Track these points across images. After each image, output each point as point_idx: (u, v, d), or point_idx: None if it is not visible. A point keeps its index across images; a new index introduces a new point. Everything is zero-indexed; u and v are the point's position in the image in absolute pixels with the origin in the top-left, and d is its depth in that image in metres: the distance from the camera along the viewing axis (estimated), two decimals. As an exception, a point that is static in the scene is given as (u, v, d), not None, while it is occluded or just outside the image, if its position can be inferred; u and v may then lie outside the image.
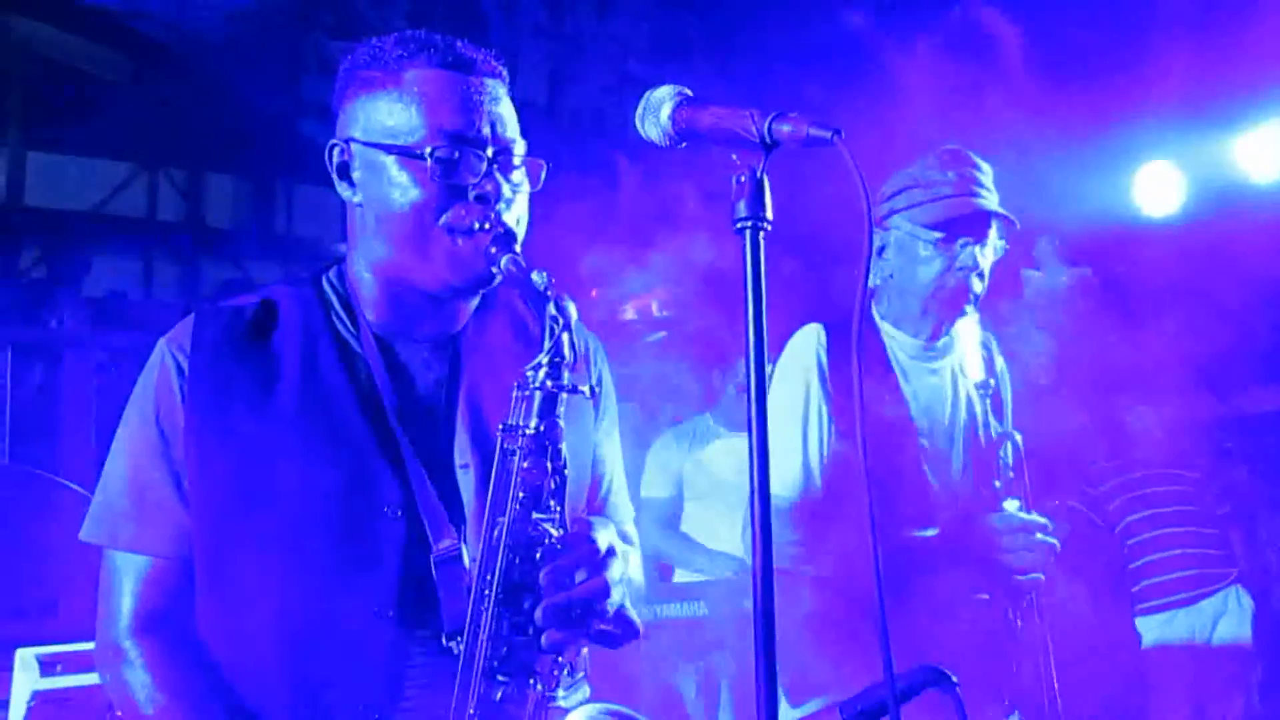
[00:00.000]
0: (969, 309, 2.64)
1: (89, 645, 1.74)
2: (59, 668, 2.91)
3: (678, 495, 5.08)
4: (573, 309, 1.57)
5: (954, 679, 1.46)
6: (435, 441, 1.70)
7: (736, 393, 5.12)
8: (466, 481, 1.69)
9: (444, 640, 1.59)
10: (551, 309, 1.56)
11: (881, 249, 2.69)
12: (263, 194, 6.88)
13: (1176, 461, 4.73)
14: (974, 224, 2.59)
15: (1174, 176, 5.49)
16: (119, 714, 1.69)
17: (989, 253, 2.64)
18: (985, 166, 2.69)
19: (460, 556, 1.63)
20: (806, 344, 2.65)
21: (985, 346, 2.79)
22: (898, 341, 2.69)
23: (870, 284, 2.75)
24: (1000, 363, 2.84)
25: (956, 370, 2.75)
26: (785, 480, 2.54)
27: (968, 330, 2.73)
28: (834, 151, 1.31)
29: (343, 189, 1.72)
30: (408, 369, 1.74)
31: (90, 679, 2.84)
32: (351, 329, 1.74)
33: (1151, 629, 4.60)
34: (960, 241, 2.59)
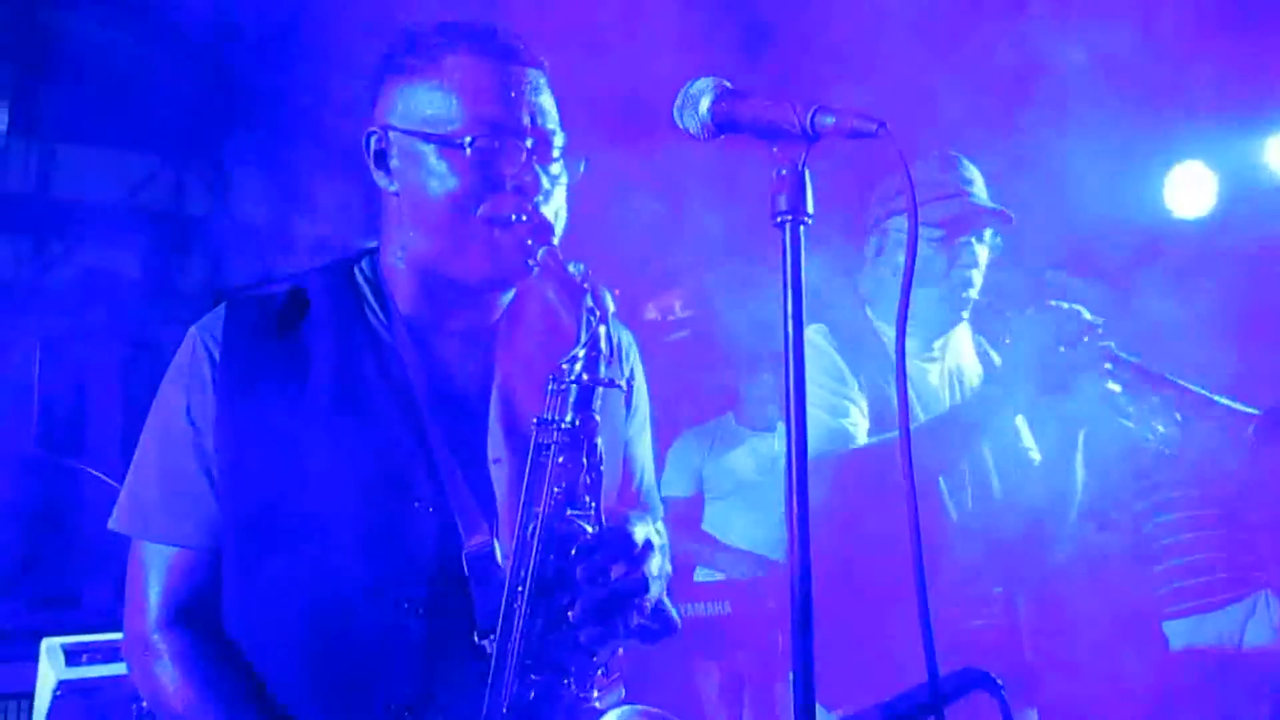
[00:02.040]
0: (965, 314, 2.70)
1: (115, 635, 1.74)
2: (85, 658, 2.91)
3: (698, 495, 5.05)
4: (610, 301, 1.55)
5: (999, 682, 1.43)
6: (468, 435, 1.68)
7: (745, 388, 5.08)
8: (499, 476, 1.67)
9: (476, 638, 1.56)
10: (588, 301, 1.53)
11: (880, 251, 2.74)
12: (290, 190, 6.90)
13: (1206, 466, 4.68)
14: (975, 222, 2.67)
15: (1206, 177, 5.44)
16: (145, 705, 1.68)
17: (985, 251, 2.71)
18: (973, 168, 2.77)
19: (493, 552, 1.60)
20: (820, 339, 2.66)
21: (979, 347, 2.87)
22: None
23: (863, 291, 2.80)
24: (996, 357, 2.88)
25: (952, 370, 2.79)
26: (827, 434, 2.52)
27: (960, 331, 2.80)
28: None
29: (379, 177, 1.70)
30: (441, 361, 1.72)
31: (116, 669, 2.84)
32: (384, 319, 1.72)
33: (1180, 633, 4.55)
34: (960, 240, 2.66)
